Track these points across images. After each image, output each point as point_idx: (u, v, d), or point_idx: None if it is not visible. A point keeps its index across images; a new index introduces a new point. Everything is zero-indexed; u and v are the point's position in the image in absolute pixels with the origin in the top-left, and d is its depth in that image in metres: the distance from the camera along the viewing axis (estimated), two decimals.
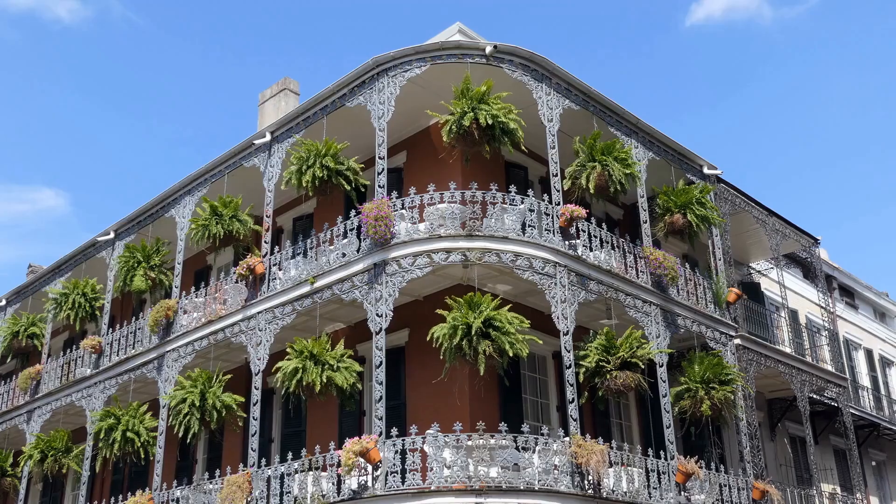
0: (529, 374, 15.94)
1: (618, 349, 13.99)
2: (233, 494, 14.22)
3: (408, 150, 17.05)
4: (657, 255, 15.92)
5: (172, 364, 17.29)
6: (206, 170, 18.32)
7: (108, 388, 18.96)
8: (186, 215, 18.44)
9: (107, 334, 19.79)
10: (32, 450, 19.20)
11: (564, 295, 13.90)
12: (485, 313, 12.68)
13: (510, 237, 13.82)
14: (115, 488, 20.49)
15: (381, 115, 14.76)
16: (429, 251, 13.62)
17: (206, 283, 19.04)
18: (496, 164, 16.38)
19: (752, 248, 22.71)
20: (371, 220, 13.75)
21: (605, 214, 18.62)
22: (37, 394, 21.21)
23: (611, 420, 17.26)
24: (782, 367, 19.00)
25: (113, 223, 20.69)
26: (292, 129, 16.55)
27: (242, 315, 16.03)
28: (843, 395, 21.27)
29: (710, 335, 16.88)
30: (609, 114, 16.52)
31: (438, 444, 12.55)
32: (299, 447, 14.70)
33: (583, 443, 12.89)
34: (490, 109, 13.78)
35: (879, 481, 26.56)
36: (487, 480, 12.33)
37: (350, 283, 14.15)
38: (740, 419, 16.57)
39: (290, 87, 22.54)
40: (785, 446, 21.75)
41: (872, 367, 29.83)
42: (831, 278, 29.21)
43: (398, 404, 15.06)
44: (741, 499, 15.69)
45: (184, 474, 18.80)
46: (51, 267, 22.98)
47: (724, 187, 19.16)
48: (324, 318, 15.64)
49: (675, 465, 14.52)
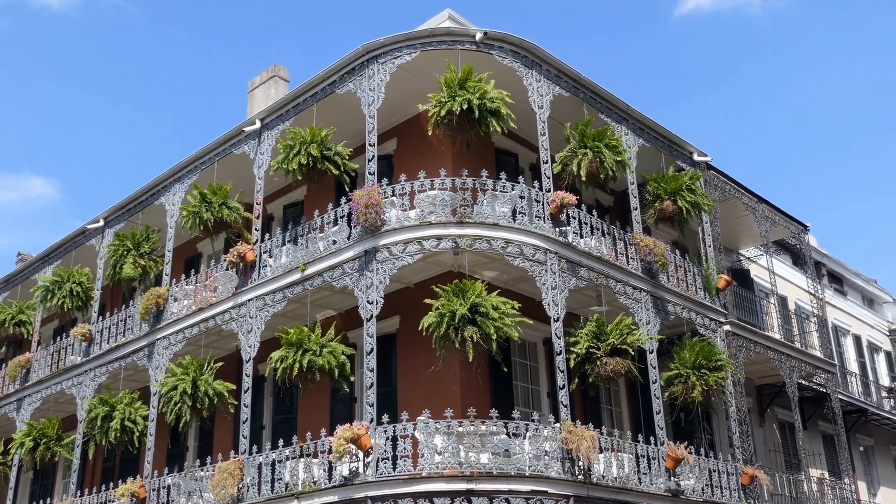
0: (520, 361, 15.98)
1: (608, 336, 14.04)
2: (224, 481, 14.24)
3: (398, 136, 17.02)
4: (647, 242, 15.96)
5: (163, 352, 17.27)
6: (196, 157, 18.25)
7: (98, 375, 18.93)
8: (176, 203, 18.38)
9: (97, 322, 19.74)
10: (24, 437, 19.17)
11: (555, 281, 13.93)
12: (471, 300, 12.70)
13: (501, 224, 13.82)
14: (106, 476, 20.48)
15: (371, 102, 14.72)
16: (419, 238, 13.62)
17: (197, 271, 19.01)
18: (487, 151, 16.37)
19: (742, 234, 22.79)
20: (361, 207, 13.73)
21: (596, 201, 18.64)
22: (27, 382, 21.16)
23: (601, 406, 17.34)
24: (771, 354, 19.11)
25: (102, 211, 20.63)
26: (282, 116, 16.49)
27: (233, 302, 16.01)
28: (831, 380, 21.42)
29: (700, 321, 16.96)
30: (599, 100, 16.52)
31: (429, 430, 12.59)
32: (290, 434, 14.72)
33: (573, 429, 12.95)
34: (469, 95, 13.73)
35: (867, 466, 26.78)
36: (478, 466, 12.38)
37: (341, 270, 14.15)
38: (730, 405, 16.66)
39: (279, 74, 22.44)
40: (774, 432, 21.90)
41: (861, 353, 30.03)
42: (820, 265, 29.34)
43: (389, 391, 15.10)
44: (730, 484, 15.80)
45: (175, 461, 18.80)
46: (40, 255, 22.89)
47: (713, 174, 19.20)
48: (315, 306, 15.63)
49: (665, 450, 14.60)
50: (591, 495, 12.98)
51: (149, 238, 18.78)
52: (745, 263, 23.87)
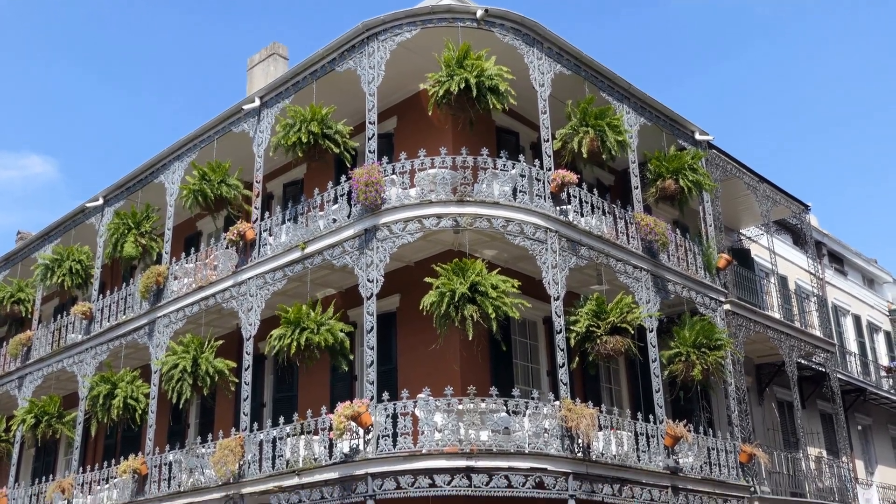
0: (520, 340, 16.01)
1: (608, 314, 14.05)
2: (225, 458, 14.31)
3: (398, 115, 16.96)
4: (648, 221, 15.94)
5: (164, 330, 17.30)
6: (195, 135, 18.20)
7: (99, 353, 18.98)
8: (176, 181, 18.35)
9: (97, 300, 19.77)
10: (26, 415, 19.25)
11: (555, 260, 13.93)
12: (471, 279, 12.70)
13: (501, 203, 13.80)
14: (108, 452, 20.59)
15: (372, 80, 14.65)
16: (420, 217, 13.60)
17: (197, 249, 19.00)
18: (487, 130, 16.31)
19: (743, 214, 22.77)
20: (361, 185, 13.70)
21: (597, 180, 18.60)
22: (28, 360, 21.22)
23: (601, 385, 17.40)
24: (771, 333, 19.14)
25: (102, 189, 20.59)
26: (281, 94, 16.42)
27: (233, 281, 16.02)
28: (830, 360, 21.47)
29: (700, 301, 16.97)
30: (601, 79, 16.44)
31: (429, 408, 12.63)
32: (291, 412, 14.77)
33: (573, 407, 12.99)
34: (466, 73, 13.66)
35: (865, 445, 26.91)
36: (478, 444, 12.43)
37: (341, 248, 14.14)
38: (729, 384, 16.71)
39: (279, 51, 22.32)
40: (773, 410, 21.98)
41: (860, 333, 30.09)
42: (821, 245, 29.32)
43: (389, 369, 15.14)
44: (729, 462, 15.89)
45: (176, 439, 18.89)
46: (40, 233, 22.89)
47: (715, 153, 19.15)
48: (315, 284, 15.64)
49: (664, 428, 14.66)
50: (591, 472, 13.06)
51: (149, 217, 18.77)
52: (745, 243, 23.86)
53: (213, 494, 14.77)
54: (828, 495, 19.72)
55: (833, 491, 20.02)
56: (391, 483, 12.29)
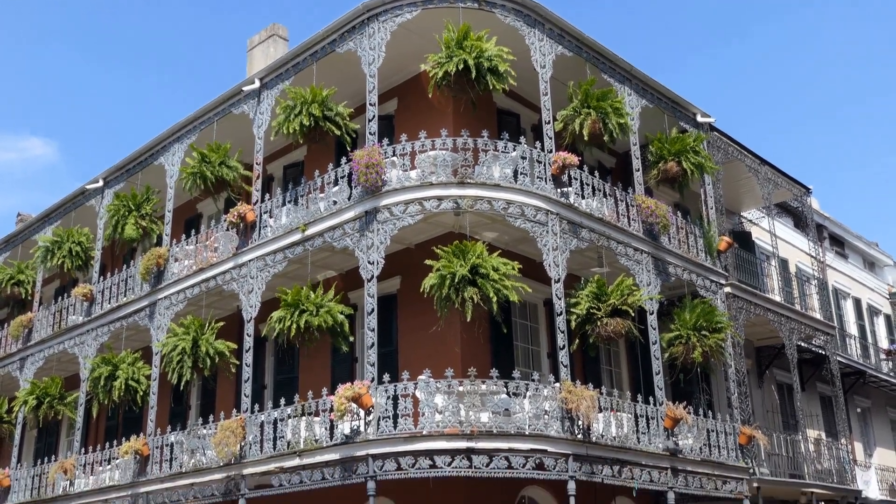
0: (521, 322, 16.03)
1: (608, 297, 14.05)
2: (226, 439, 14.36)
3: (399, 96, 16.89)
4: (649, 204, 15.91)
5: (164, 312, 17.32)
6: (195, 117, 18.14)
7: (100, 335, 19.01)
8: (176, 163, 18.31)
9: (98, 282, 19.78)
10: (28, 396, 19.31)
11: (556, 243, 13.92)
12: (471, 261, 12.70)
13: (502, 185, 13.77)
14: (110, 434, 20.66)
15: (372, 62, 14.59)
16: (420, 199, 13.58)
17: (197, 232, 18.98)
18: (488, 111, 16.25)
19: (744, 196, 22.72)
20: (362, 167, 13.67)
21: (598, 162, 18.55)
22: (29, 341, 21.26)
23: (601, 367, 17.44)
24: (771, 316, 19.16)
25: (102, 171, 20.56)
26: (282, 75, 16.35)
27: (234, 263, 16.02)
28: (830, 343, 21.50)
29: (701, 283, 16.97)
30: (602, 60, 16.36)
31: (430, 389, 12.66)
32: (292, 393, 14.81)
33: (573, 389, 13.02)
34: (465, 55, 13.60)
35: (864, 427, 27.00)
36: (479, 425, 12.47)
37: (341, 230, 14.13)
38: (729, 366, 16.75)
39: (278, 32, 22.21)
40: (772, 393, 22.03)
41: (860, 316, 30.11)
42: (822, 228, 29.30)
43: (390, 351, 15.16)
44: (728, 443, 15.94)
45: (177, 420, 18.95)
46: (40, 215, 22.87)
47: (716, 136, 19.09)
48: (315, 266, 15.64)
49: (664, 410, 14.70)
50: (591, 454, 13.10)
51: (149, 199, 18.74)
52: (746, 226, 23.83)
53: (215, 475, 14.83)
54: (826, 477, 19.80)
55: (832, 473, 20.11)
56: (392, 464, 12.34)
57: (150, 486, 16.16)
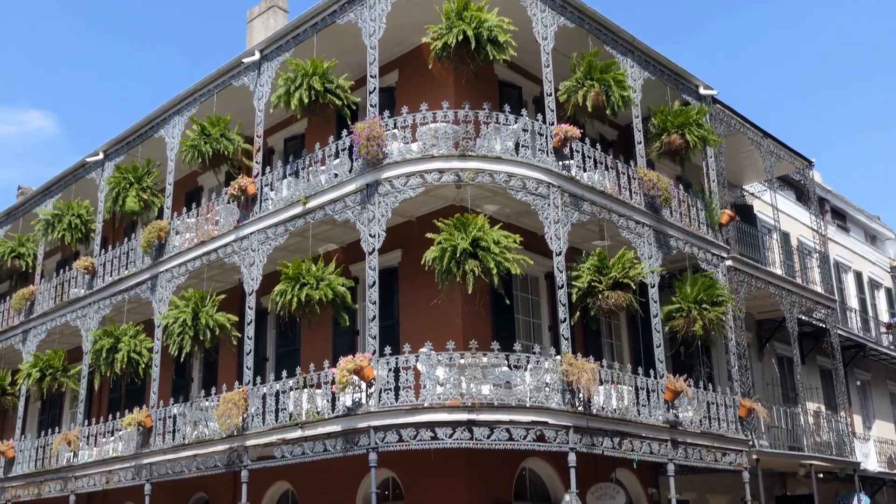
0: (522, 295, 16.04)
1: (610, 270, 14.05)
2: (229, 411, 14.44)
3: (400, 68, 16.78)
4: (651, 177, 15.86)
5: (166, 284, 17.34)
6: (195, 89, 18.05)
7: (102, 308, 19.05)
8: (176, 136, 18.24)
9: (99, 255, 19.78)
10: (31, 368, 19.40)
11: (557, 215, 13.88)
12: (472, 234, 12.68)
13: (503, 157, 13.71)
14: (113, 406, 20.79)
15: (373, 33, 14.48)
16: (421, 171, 13.53)
17: (198, 205, 18.97)
18: (489, 84, 16.15)
19: (746, 170, 22.64)
20: (363, 139, 13.61)
21: (600, 135, 18.46)
22: (31, 314, 21.31)
23: (602, 340, 17.47)
24: (772, 289, 19.16)
25: (102, 144, 20.49)
26: (282, 47, 16.23)
27: (235, 236, 16.01)
28: (831, 316, 21.52)
29: (702, 256, 16.96)
30: (605, 32, 16.22)
31: (431, 362, 12.70)
32: (294, 366, 14.86)
33: (574, 361, 13.05)
34: (464, 25, 13.50)
35: (863, 400, 27.11)
36: (480, 397, 12.52)
37: (342, 203, 14.09)
38: (729, 339, 16.78)
39: (278, 3, 22.04)
40: (772, 366, 22.10)
41: (861, 290, 30.12)
42: (824, 201, 29.21)
43: (392, 324, 15.19)
44: (728, 416, 16.01)
45: (180, 392, 19.05)
46: (40, 188, 22.84)
47: (719, 108, 18.99)
48: (317, 239, 15.63)
49: (664, 383, 14.75)
50: (591, 426, 13.16)
51: (150, 172, 18.69)
52: (748, 199, 23.77)
53: (218, 447, 14.93)
54: (825, 449, 19.92)
55: (831, 445, 20.22)
56: (393, 436, 12.40)
57: (153, 458, 16.28)
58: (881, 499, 24.74)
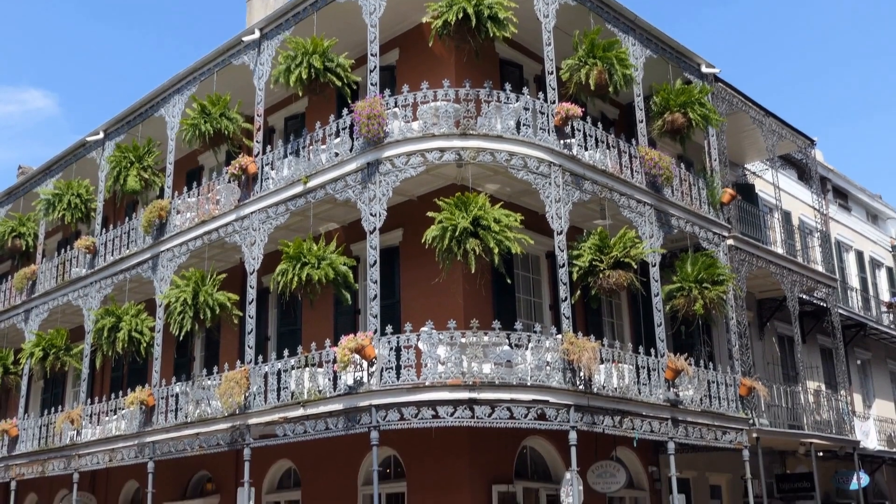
0: (523, 274, 16.05)
1: (611, 249, 14.03)
2: (231, 390, 14.49)
3: (400, 47, 16.69)
4: (652, 156, 15.81)
5: (167, 264, 17.35)
6: (195, 68, 17.96)
7: (104, 287, 19.08)
8: (176, 115, 18.18)
9: (100, 235, 19.78)
10: (34, 347, 19.46)
11: (559, 194, 13.86)
12: (473, 213, 12.66)
13: (505, 136, 13.66)
14: (115, 385, 20.86)
15: (373, 11, 14.38)
16: (422, 150, 13.49)
17: (199, 184, 18.92)
18: (491, 62, 16.07)
19: (748, 149, 22.57)
20: (364, 118, 13.56)
21: (601, 114, 18.39)
22: (33, 293, 21.35)
23: (602, 319, 17.49)
24: (773, 268, 19.16)
25: (102, 123, 20.43)
26: (282, 25, 16.14)
27: (236, 215, 15.99)
28: (832, 295, 21.53)
29: (704, 235, 16.94)
30: (606, 10, 16.11)
31: (433, 341, 12.72)
32: (295, 345, 14.89)
33: (575, 340, 13.07)
34: (464, 2, 13.42)
35: (863, 379, 27.18)
36: (481, 376, 12.55)
37: (343, 182, 14.07)
38: (730, 318, 16.79)
39: None
40: (773, 345, 22.14)
41: (862, 269, 30.11)
42: (825, 180, 29.13)
43: (393, 303, 15.21)
44: (728, 395, 16.06)
45: (182, 371, 19.12)
46: (41, 168, 22.79)
47: (721, 87, 18.90)
48: (318, 218, 15.62)
49: (665, 362, 14.78)
50: (592, 405, 13.21)
51: (151, 151, 18.65)
52: (750, 178, 23.70)
53: (220, 425, 15.00)
54: (825, 428, 20.00)
55: (830, 424, 20.30)
56: (395, 414, 12.45)
57: (155, 436, 16.36)
58: (880, 477, 24.89)
